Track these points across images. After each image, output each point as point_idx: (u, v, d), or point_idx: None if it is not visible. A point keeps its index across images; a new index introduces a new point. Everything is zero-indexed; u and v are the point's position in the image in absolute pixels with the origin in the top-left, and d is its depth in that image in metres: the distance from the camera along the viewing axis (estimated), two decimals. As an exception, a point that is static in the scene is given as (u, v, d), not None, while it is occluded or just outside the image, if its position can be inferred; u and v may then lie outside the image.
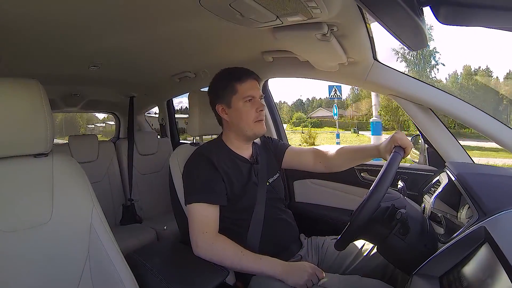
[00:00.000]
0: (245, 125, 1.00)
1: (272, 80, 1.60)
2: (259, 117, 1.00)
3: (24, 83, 0.73)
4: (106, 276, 0.76)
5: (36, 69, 1.40)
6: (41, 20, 0.90)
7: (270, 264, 0.87)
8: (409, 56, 18.55)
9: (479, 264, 0.51)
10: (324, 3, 0.69)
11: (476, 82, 18.73)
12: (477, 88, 18.41)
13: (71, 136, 1.98)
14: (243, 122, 1.00)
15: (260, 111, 1.00)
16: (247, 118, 0.99)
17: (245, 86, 1.00)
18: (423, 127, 1.15)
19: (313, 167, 1.13)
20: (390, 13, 0.53)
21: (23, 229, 0.70)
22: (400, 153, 0.83)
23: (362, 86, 1.23)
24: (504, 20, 0.47)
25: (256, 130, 1.01)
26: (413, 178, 1.19)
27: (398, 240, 0.72)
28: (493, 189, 0.74)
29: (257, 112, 1.00)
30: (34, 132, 0.73)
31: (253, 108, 0.99)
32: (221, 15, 0.81)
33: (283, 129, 1.69)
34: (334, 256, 1.00)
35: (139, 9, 0.87)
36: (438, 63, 19.03)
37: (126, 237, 1.63)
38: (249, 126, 1.00)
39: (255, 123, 1.00)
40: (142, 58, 1.42)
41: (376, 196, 0.70)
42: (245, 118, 0.99)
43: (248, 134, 1.02)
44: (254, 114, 0.99)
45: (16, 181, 0.73)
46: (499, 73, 30.15)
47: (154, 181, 2.14)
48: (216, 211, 0.94)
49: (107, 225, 0.81)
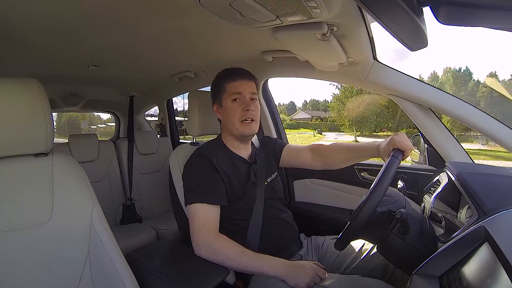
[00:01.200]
0: (231, 125, 0.98)
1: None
2: (246, 116, 0.96)
3: (24, 83, 0.73)
4: (106, 275, 0.76)
5: (36, 69, 1.40)
6: (41, 19, 0.90)
7: (271, 264, 0.87)
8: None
9: (479, 264, 0.52)
10: (324, 3, 0.69)
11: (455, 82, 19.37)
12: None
13: (71, 136, 1.98)
14: (230, 122, 0.98)
15: (246, 111, 0.96)
16: (233, 117, 0.97)
17: (234, 84, 0.98)
18: (423, 127, 1.15)
19: (311, 165, 1.13)
20: (390, 13, 0.53)
21: (23, 229, 0.70)
22: (398, 156, 0.81)
23: (362, 86, 1.22)
24: (504, 20, 0.47)
25: (242, 130, 0.98)
26: (413, 178, 1.19)
27: (398, 240, 0.72)
28: (493, 189, 0.74)
29: (243, 112, 0.96)
30: (34, 131, 0.73)
31: (239, 107, 0.97)
32: (221, 15, 0.81)
33: (283, 129, 1.69)
34: (334, 256, 1.00)
35: (139, 9, 0.87)
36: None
37: (126, 236, 1.64)
38: (234, 125, 0.98)
39: (241, 123, 0.97)
40: (142, 58, 1.42)
41: (371, 201, 0.69)
42: (231, 117, 0.97)
43: (235, 134, 1.00)
44: (240, 113, 0.96)
45: (16, 180, 0.73)
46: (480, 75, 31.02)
47: (154, 180, 2.14)
48: (216, 211, 0.94)
49: (107, 224, 0.81)
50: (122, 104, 2.42)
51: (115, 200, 2.00)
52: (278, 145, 1.17)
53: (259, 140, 1.17)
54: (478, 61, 34.62)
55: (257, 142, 1.16)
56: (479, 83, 23.01)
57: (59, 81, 1.76)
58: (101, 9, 0.86)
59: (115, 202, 2.00)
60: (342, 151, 1.08)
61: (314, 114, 31.77)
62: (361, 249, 0.98)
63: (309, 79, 1.38)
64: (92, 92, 2.24)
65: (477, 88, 22.08)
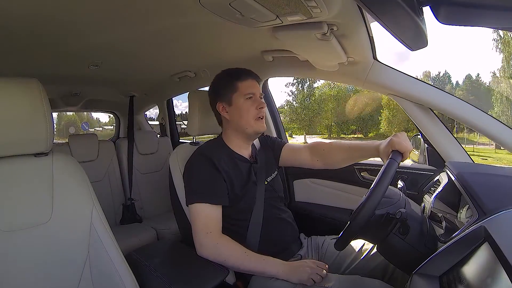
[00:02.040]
0: (245, 123, 1.00)
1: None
2: (259, 115, 1.01)
3: (24, 83, 0.73)
4: (106, 275, 0.76)
5: (36, 69, 1.39)
6: (41, 19, 0.90)
7: (273, 265, 0.88)
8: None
9: (478, 264, 0.52)
10: (324, 3, 0.69)
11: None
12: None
13: (71, 136, 1.98)
14: (244, 120, 1.00)
15: (260, 109, 1.00)
16: (248, 116, 0.99)
17: (246, 84, 1.00)
18: (423, 127, 1.15)
19: (311, 164, 1.13)
20: (390, 13, 0.53)
21: (23, 229, 0.70)
22: (397, 158, 0.80)
23: (362, 85, 1.22)
24: (504, 20, 0.47)
25: (256, 128, 1.01)
26: (413, 177, 1.19)
27: (398, 240, 0.72)
28: (493, 189, 0.74)
29: (257, 110, 1.00)
30: (34, 131, 0.73)
31: (253, 106, 1.00)
32: (221, 15, 0.81)
33: (283, 128, 1.69)
34: (334, 255, 1.00)
35: (138, 8, 0.87)
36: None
37: (126, 236, 1.64)
38: (249, 123, 1.00)
39: (256, 121, 1.00)
40: (142, 58, 1.42)
41: (370, 203, 0.69)
42: (246, 115, 0.99)
43: (249, 132, 1.01)
44: (254, 111, 1.00)
45: (16, 180, 0.73)
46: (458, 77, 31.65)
47: (154, 180, 2.14)
48: (218, 211, 0.94)
49: (107, 224, 0.81)
50: (122, 104, 2.42)
51: (115, 200, 2.00)
52: (277, 144, 1.17)
53: (259, 139, 1.17)
54: (458, 64, 35.31)
55: (258, 142, 1.16)
56: (458, 85, 23.66)
57: (59, 81, 1.76)
58: (101, 9, 0.86)
59: (115, 202, 2.00)
60: (342, 151, 1.08)
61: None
62: (361, 249, 0.98)
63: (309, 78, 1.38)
64: (92, 92, 2.24)
65: (454, 92, 22.50)
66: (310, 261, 0.89)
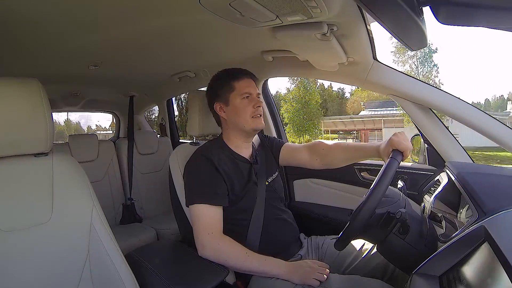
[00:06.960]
0: (242, 121, 1.00)
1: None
2: (257, 113, 1.01)
3: (24, 83, 0.73)
4: (106, 275, 0.76)
5: (36, 69, 1.39)
6: (41, 19, 0.90)
7: (275, 265, 0.88)
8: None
9: (478, 264, 0.52)
10: (324, 3, 0.69)
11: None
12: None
13: (71, 136, 1.98)
14: (241, 118, 1.00)
15: (257, 107, 1.01)
16: (245, 114, 1.00)
17: (242, 83, 1.01)
18: (423, 127, 1.15)
19: (310, 164, 1.13)
20: (390, 13, 0.53)
21: (23, 229, 0.70)
22: (397, 158, 0.81)
23: (362, 86, 1.22)
24: (504, 20, 0.47)
25: (254, 125, 1.01)
26: (413, 177, 1.19)
27: (398, 240, 0.72)
28: (493, 189, 0.74)
29: (254, 108, 1.00)
30: (34, 131, 0.73)
31: (250, 104, 1.00)
32: (221, 15, 0.81)
33: (282, 128, 1.69)
34: (334, 255, 1.00)
35: (138, 9, 0.87)
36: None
37: (126, 236, 1.64)
38: (246, 121, 1.00)
39: (253, 118, 1.00)
40: (142, 58, 1.42)
41: (370, 203, 0.69)
42: (243, 114, 1.00)
43: (246, 129, 1.02)
44: (251, 110, 1.00)
45: (16, 180, 0.73)
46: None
47: (154, 180, 2.14)
48: (219, 212, 0.94)
49: (107, 224, 0.81)
50: (122, 104, 2.42)
51: (115, 200, 2.00)
52: (276, 144, 1.17)
53: (260, 139, 1.17)
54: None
55: (258, 142, 1.16)
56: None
57: (59, 81, 1.76)
58: (101, 8, 0.86)
59: (115, 202, 2.00)
60: (342, 151, 1.08)
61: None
62: (361, 249, 0.98)
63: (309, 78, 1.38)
64: (92, 92, 2.24)
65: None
66: (311, 261, 0.89)
